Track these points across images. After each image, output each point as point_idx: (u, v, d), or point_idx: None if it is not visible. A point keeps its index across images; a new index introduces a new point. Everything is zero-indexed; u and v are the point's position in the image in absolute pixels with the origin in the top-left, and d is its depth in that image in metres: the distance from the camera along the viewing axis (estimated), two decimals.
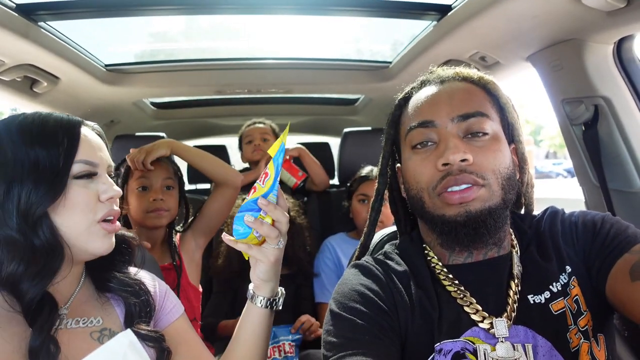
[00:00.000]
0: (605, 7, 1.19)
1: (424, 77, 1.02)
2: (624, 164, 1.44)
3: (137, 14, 1.77)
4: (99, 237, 0.91)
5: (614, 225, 0.91)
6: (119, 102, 2.49)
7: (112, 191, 0.92)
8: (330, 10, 1.74)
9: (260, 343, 1.05)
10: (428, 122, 0.92)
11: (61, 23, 1.66)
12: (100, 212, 0.90)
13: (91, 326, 0.93)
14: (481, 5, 1.40)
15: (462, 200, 0.86)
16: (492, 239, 0.90)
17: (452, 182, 0.86)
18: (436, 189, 0.89)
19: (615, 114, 1.43)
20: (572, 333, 0.86)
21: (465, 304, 0.89)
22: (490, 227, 0.87)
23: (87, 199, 0.89)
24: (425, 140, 0.92)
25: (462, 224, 0.87)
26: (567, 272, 0.91)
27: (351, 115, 3.23)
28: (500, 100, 0.96)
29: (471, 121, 0.90)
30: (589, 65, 1.43)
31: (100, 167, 0.92)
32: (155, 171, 1.71)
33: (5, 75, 1.67)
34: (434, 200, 0.90)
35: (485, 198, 0.87)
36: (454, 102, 0.92)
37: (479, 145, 0.89)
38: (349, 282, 0.95)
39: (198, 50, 2.57)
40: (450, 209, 0.87)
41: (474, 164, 0.87)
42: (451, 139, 0.88)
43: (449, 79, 0.97)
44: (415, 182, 0.93)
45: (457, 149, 0.86)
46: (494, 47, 1.67)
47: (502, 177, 0.88)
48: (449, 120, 0.90)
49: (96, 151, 0.93)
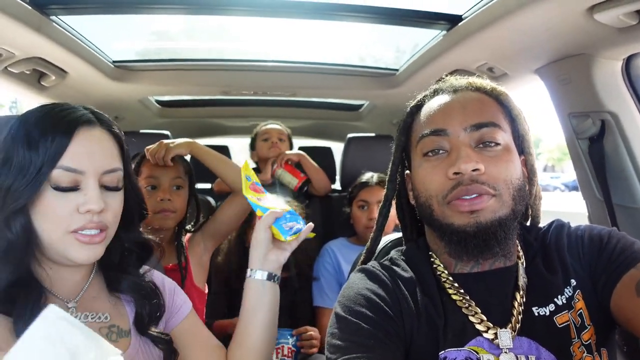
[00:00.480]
0: (617, 24, 1.20)
1: (437, 85, 1.02)
2: (629, 179, 1.45)
3: (147, 11, 1.77)
4: (73, 247, 0.87)
5: (621, 241, 0.91)
6: (125, 98, 2.49)
7: (91, 204, 0.86)
8: (339, 16, 1.74)
9: (270, 315, 1.13)
10: (440, 130, 0.92)
11: (72, 18, 1.66)
12: (75, 223, 0.86)
13: (99, 322, 0.93)
14: (492, 16, 1.41)
15: (472, 208, 0.86)
16: (502, 250, 0.90)
17: (463, 192, 0.86)
18: (446, 198, 0.89)
19: (622, 129, 1.43)
20: (575, 346, 0.86)
21: (470, 313, 0.89)
22: (500, 239, 0.87)
23: (61, 209, 0.85)
24: (436, 148, 0.92)
25: (471, 234, 0.86)
26: (572, 286, 0.91)
27: (355, 121, 3.24)
28: (512, 112, 0.96)
29: (484, 131, 0.90)
30: (598, 81, 1.44)
31: (88, 174, 0.87)
32: (164, 170, 1.68)
33: (15, 67, 1.67)
34: (443, 208, 0.90)
35: (496, 208, 0.87)
36: (467, 111, 0.92)
37: (491, 155, 0.89)
38: (355, 286, 0.95)
39: (205, 50, 2.58)
40: (459, 218, 0.87)
41: (486, 174, 0.87)
42: (463, 148, 0.88)
43: (462, 89, 0.98)
44: (425, 190, 0.93)
45: (469, 158, 0.86)
46: (503, 59, 1.68)
47: (513, 187, 0.88)
48: (461, 129, 0.90)
49: (86, 156, 0.87)
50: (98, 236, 0.88)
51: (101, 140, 0.91)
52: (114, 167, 0.92)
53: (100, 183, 0.89)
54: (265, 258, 1.13)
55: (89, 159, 0.87)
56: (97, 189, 0.88)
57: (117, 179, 0.93)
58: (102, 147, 0.91)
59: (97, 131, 0.91)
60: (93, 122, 0.91)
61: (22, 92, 1.91)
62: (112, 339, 0.93)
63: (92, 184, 0.87)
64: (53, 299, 0.89)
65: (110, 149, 0.93)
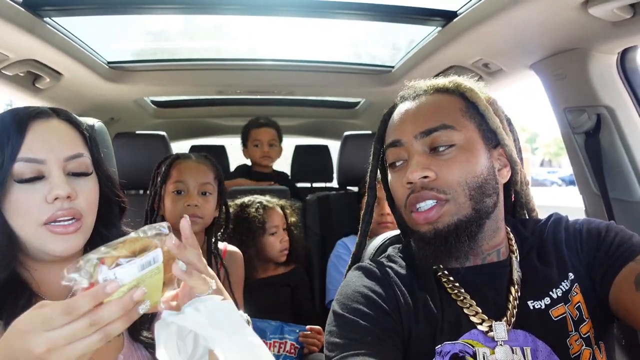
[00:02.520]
0: (612, 18, 1.20)
1: (403, 91, 1.03)
2: (625, 173, 1.45)
3: (141, 12, 1.77)
4: (48, 239, 0.85)
5: (619, 234, 0.91)
6: (120, 99, 2.48)
7: (56, 189, 0.85)
8: (335, 13, 1.74)
9: None
10: (396, 141, 0.95)
11: (66, 19, 1.65)
12: (44, 214, 0.85)
13: None
14: (487, 12, 1.41)
15: (427, 220, 0.89)
16: (473, 247, 0.91)
17: (414, 200, 0.90)
18: (406, 207, 0.93)
19: (618, 123, 1.44)
20: (572, 339, 0.86)
21: (465, 305, 0.90)
22: (463, 239, 0.88)
23: (28, 202, 0.84)
24: (397, 159, 0.96)
25: (431, 239, 0.90)
26: (569, 279, 0.91)
27: (351, 119, 3.24)
28: (479, 108, 0.95)
29: (435, 135, 0.91)
30: (593, 75, 1.44)
31: (49, 162, 0.86)
32: (192, 174, 1.68)
33: (9, 70, 1.66)
34: (409, 216, 0.94)
35: (452, 212, 0.88)
36: (419, 118, 0.94)
37: (445, 159, 0.90)
38: (352, 284, 0.95)
39: (200, 50, 2.57)
40: (421, 226, 0.91)
41: (438, 179, 0.89)
42: (415, 157, 0.91)
43: (422, 94, 0.98)
44: (396, 199, 0.98)
45: (416, 167, 0.89)
46: (498, 55, 1.68)
47: (469, 187, 0.89)
48: (412, 137, 0.93)
49: (44, 145, 0.87)
50: (72, 225, 0.87)
51: (59, 129, 0.91)
52: (76, 152, 0.90)
53: (66, 171, 0.88)
54: None
55: (47, 147, 0.87)
56: (62, 175, 0.87)
57: (83, 164, 0.91)
58: (59, 135, 0.90)
59: (53, 122, 0.91)
60: (48, 114, 0.91)
61: (17, 94, 1.90)
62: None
63: (56, 171, 0.86)
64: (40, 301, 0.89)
65: (69, 136, 0.92)
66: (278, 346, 1.84)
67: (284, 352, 1.84)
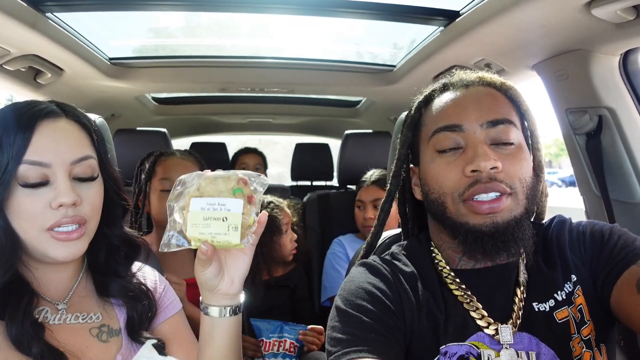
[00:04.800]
0: (615, 19, 1.20)
1: (446, 79, 1.00)
2: (626, 175, 1.45)
3: (143, 8, 1.77)
4: (51, 245, 0.84)
5: (622, 237, 0.91)
6: (122, 96, 2.48)
7: (62, 197, 0.83)
8: (337, 12, 1.73)
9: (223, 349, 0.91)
10: (456, 126, 0.91)
11: (68, 15, 1.65)
12: (48, 220, 0.83)
13: (90, 322, 0.92)
14: (490, 12, 1.40)
15: (491, 210, 0.85)
16: (517, 249, 0.89)
17: (481, 190, 0.86)
18: (463, 195, 0.88)
19: (619, 125, 1.43)
20: (575, 342, 0.86)
21: (471, 309, 0.89)
22: (518, 238, 0.87)
23: (32, 207, 0.83)
24: (451, 144, 0.91)
25: (488, 234, 0.86)
26: (572, 281, 0.91)
27: (352, 118, 3.23)
28: (521, 107, 0.95)
29: (499, 128, 0.89)
30: (595, 76, 1.44)
31: (55, 166, 0.84)
32: (178, 171, 1.61)
33: (10, 65, 1.66)
34: (458, 206, 0.89)
35: (512, 207, 0.87)
36: (482, 107, 0.91)
37: (506, 153, 0.88)
38: (356, 279, 0.95)
39: (202, 47, 2.57)
40: (475, 218, 0.87)
41: (503, 172, 0.86)
42: (480, 145, 0.87)
43: (473, 83, 0.96)
44: (438, 187, 0.91)
45: (487, 156, 0.85)
46: (500, 55, 1.68)
47: (527, 186, 0.88)
48: (477, 125, 0.89)
49: (51, 148, 0.84)
50: (76, 232, 0.85)
51: (66, 131, 0.88)
52: (83, 155, 0.88)
53: (72, 175, 0.86)
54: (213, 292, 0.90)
55: (54, 150, 0.84)
56: (68, 181, 0.84)
57: (90, 168, 0.89)
58: (67, 137, 0.87)
59: (61, 122, 0.88)
60: (56, 113, 0.88)
61: (18, 90, 1.89)
62: (103, 339, 0.91)
63: (62, 176, 0.84)
64: (42, 301, 0.88)
65: (77, 137, 0.89)
66: (277, 345, 1.85)
67: (283, 351, 1.84)
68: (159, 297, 1.05)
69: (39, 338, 0.80)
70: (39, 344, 0.80)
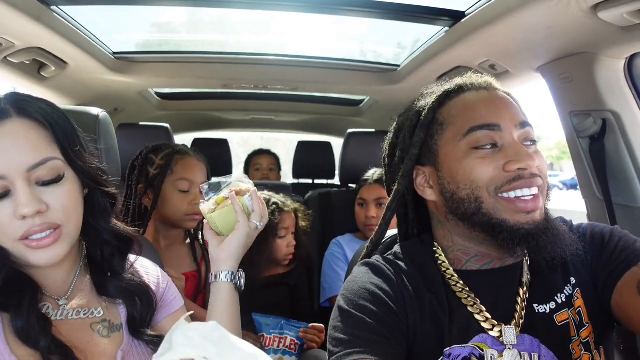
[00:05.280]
0: (621, 23, 1.19)
1: (460, 81, 0.99)
2: (629, 179, 1.45)
3: (147, 3, 1.77)
4: (28, 253, 0.80)
5: (623, 239, 0.91)
6: (125, 90, 2.48)
7: (22, 209, 0.76)
8: (341, 10, 1.73)
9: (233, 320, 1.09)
10: (494, 125, 0.90)
11: (73, 8, 1.64)
12: (17, 231, 0.78)
13: (92, 317, 0.92)
14: (495, 13, 1.40)
15: (534, 208, 0.87)
16: (561, 247, 0.89)
17: (525, 185, 0.87)
18: (501, 189, 0.87)
19: (623, 128, 1.43)
20: (575, 344, 0.86)
21: (475, 311, 0.89)
22: (555, 231, 0.88)
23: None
24: (490, 142, 0.90)
25: (537, 231, 0.86)
26: (571, 284, 0.91)
27: (355, 117, 3.23)
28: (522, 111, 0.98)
29: (528, 129, 0.92)
30: (600, 79, 1.44)
31: (11, 176, 0.77)
32: (198, 173, 1.68)
33: (15, 57, 1.66)
34: (494, 201, 0.88)
35: (543, 203, 0.90)
36: (511, 108, 0.93)
37: (533, 151, 0.91)
38: (359, 279, 0.94)
39: (205, 43, 2.57)
40: (517, 216, 0.86)
41: (538, 168, 0.89)
42: (520, 146, 0.89)
43: (490, 86, 0.97)
44: (471, 181, 0.89)
45: (531, 156, 0.87)
46: (505, 56, 1.67)
47: (547, 184, 0.92)
48: (513, 126, 0.91)
49: (2, 157, 0.77)
50: (49, 237, 0.80)
51: (15, 134, 0.79)
52: (41, 159, 0.80)
53: (33, 180, 0.79)
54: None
55: (4, 159, 0.77)
56: (27, 189, 0.77)
57: (53, 170, 0.81)
58: (17, 143, 0.78)
59: (8, 125, 0.79)
60: (3, 115, 0.79)
61: (22, 82, 1.89)
62: (104, 335, 0.91)
63: (20, 185, 0.77)
64: (44, 297, 0.88)
65: (31, 140, 0.80)
66: (278, 341, 1.85)
67: (283, 347, 1.84)
68: (163, 293, 1.05)
69: (46, 332, 0.80)
70: (47, 338, 0.79)
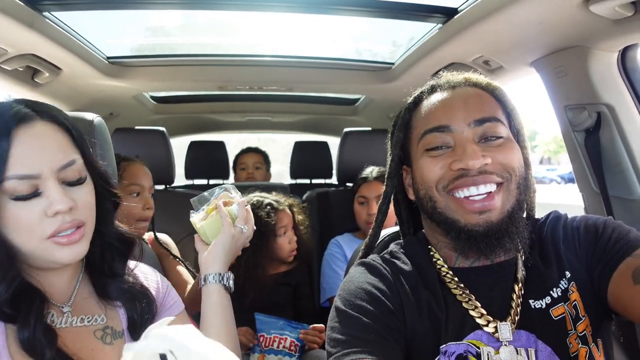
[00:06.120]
0: (613, 16, 1.20)
1: (434, 81, 1.02)
2: (625, 171, 1.45)
3: (141, 6, 1.76)
4: (55, 250, 0.83)
5: (616, 230, 0.91)
6: (120, 95, 2.47)
7: (57, 205, 0.80)
8: (335, 9, 1.73)
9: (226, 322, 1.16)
10: (444, 126, 0.92)
11: (65, 14, 1.64)
12: (47, 229, 0.81)
13: (95, 324, 0.92)
14: (488, 9, 1.40)
15: (484, 208, 0.87)
16: (514, 244, 0.90)
17: (469, 183, 0.87)
18: (447, 187, 0.89)
19: (618, 121, 1.44)
20: (571, 338, 0.86)
21: (470, 307, 0.89)
22: (512, 233, 0.88)
23: (27, 219, 0.80)
24: (440, 145, 0.92)
25: (483, 234, 0.87)
26: (566, 278, 0.91)
27: (351, 116, 3.23)
28: (507, 106, 0.97)
29: (487, 125, 0.91)
30: (593, 73, 1.44)
31: (44, 176, 0.81)
32: (143, 177, 1.69)
33: (8, 64, 1.65)
34: (446, 200, 0.90)
35: (504, 201, 0.88)
36: (468, 107, 0.93)
37: (496, 145, 0.90)
38: (355, 279, 0.95)
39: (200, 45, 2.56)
40: (467, 217, 0.88)
41: (493, 164, 0.88)
42: (469, 145, 0.89)
43: (460, 84, 0.98)
44: (424, 181, 0.94)
45: (476, 155, 0.87)
46: (499, 52, 1.68)
47: (519, 175, 0.90)
48: (465, 125, 0.91)
49: (36, 158, 0.80)
50: (76, 233, 0.85)
51: (46, 135, 0.83)
52: (69, 160, 0.85)
53: (61, 180, 0.84)
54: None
55: (39, 160, 0.81)
56: (59, 187, 0.82)
57: (77, 171, 0.86)
58: (48, 143, 0.83)
59: (38, 126, 0.83)
60: (30, 117, 0.83)
61: (16, 89, 1.89)
62: (107, 342, 0.91)
63: (52, 184, 0.81)
64: (49, 305, 0.88)
65: (58, 141, 0.85)
66: (278, 341, 1.85)
67: (283, 348, 1.84)
68: (163, 297, 1.05)
69: (51, 345, 0.80)
70: (52, 350, 0.80)
